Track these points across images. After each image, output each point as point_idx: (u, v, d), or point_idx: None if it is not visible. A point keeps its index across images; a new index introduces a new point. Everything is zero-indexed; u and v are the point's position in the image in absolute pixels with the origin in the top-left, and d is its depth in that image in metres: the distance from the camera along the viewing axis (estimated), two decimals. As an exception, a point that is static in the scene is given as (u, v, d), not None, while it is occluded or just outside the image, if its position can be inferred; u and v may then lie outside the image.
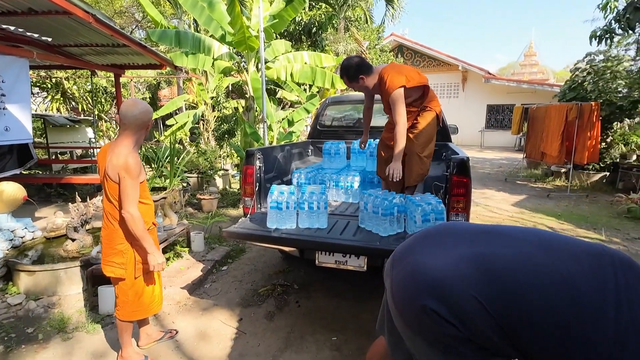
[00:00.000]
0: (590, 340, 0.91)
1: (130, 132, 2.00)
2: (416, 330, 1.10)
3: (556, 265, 1.02)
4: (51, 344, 2.49)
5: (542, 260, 1.05)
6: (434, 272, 1.09)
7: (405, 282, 1.14)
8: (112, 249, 2.09)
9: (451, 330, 1.01)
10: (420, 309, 1.05)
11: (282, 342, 2.53)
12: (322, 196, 2.60)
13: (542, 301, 0.97)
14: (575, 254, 1.04)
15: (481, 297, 1.00)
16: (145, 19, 14.42)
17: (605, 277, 0.97)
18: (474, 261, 1.08)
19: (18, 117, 4.28)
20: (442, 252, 1.14)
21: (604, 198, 7.02)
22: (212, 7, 5.80)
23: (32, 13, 4.10)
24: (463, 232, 1.24)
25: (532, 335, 0.96)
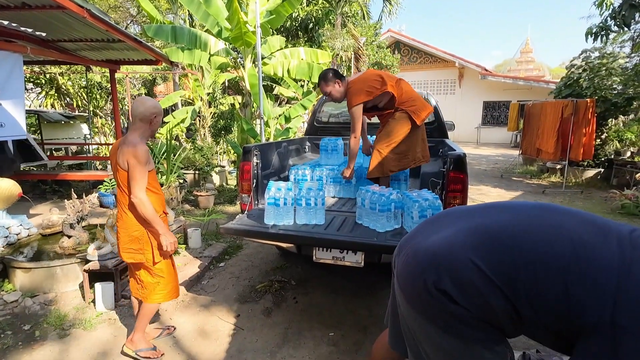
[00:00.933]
0: (591, 275, 0.90)
1: (137, 126, 2.14)
2: (420, 309, 1.11)
3: (553, 218, 1.04)
4: (48, 341, 2.48)
5: (540, 217, 1.07)
6: (432, 247, 1.12)
7: (408, 265, 1.17)
8: (128, 236, 2.17)
9: (452, 307, 1.02)
10: (422, 286, 1.08)
11: (280, 337, 2.55)
12: (319, 192, 2.61)
13: (540, 245, 0.98)
14: (574, 213, 1.07)
15: (477, 258, 1.01)
16: (141, 14, 14.28)
17: (607, 226, 1.00)
18: (471, 230, 1.11)
19: (12, 114, 4.24)
20: (441, 231, 1.17)
21: (599, 194, 7.08)
22: (209, 2, 5.75)
23: (26, 7, 4.05)
24: (462, 211, 1.27)
25: (531, 286, 0.95)
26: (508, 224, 1.08)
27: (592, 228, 1.00)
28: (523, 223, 1.07)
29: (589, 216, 1.06)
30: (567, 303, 0.92)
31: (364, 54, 12.42)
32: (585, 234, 0.98)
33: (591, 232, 0.98)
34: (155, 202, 2.20)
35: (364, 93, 2.89)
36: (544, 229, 1.03)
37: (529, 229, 1.04)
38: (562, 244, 0.97)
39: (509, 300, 0.98)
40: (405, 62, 19.08)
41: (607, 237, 0.96)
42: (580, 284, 0.91)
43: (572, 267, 0.93)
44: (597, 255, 0.93)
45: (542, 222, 1.05)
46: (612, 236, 0.96)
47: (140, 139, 2.11)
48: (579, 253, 0.94)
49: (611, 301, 0.87)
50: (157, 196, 2.25)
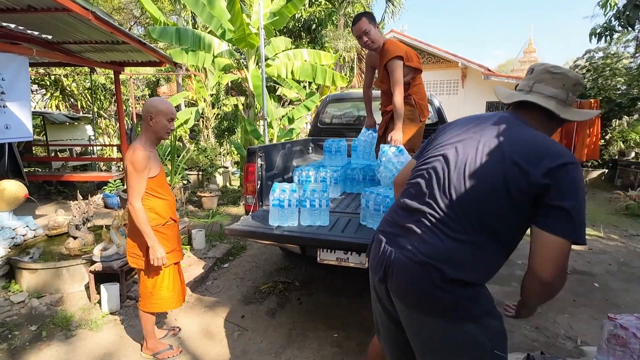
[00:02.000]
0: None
1: (142, 128, 2.13)
2: (430, 309, 1.16)
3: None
4: (55, 342, 2.50)
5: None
6: (421, 254, 1.18)
7: (403, 278, 1.21)
8: (132, 241, 2.18)
9: (463, 289, 1.13)
10: (432, 286, 1.14)
11: (284, 338, 2.56)
12: (323, 194, 2.61)
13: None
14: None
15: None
16: (144, 16, 14.34)
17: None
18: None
19: (18, 115, 4.27)
20: (410, 234, 1.24)
21: (603, 195, 7.05)
22: (213, 4, 5.78)
23: (32, 10, 4.08)
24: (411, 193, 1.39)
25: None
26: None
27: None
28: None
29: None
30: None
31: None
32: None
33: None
34: (162, 209, 2.18)
35: (403, 50, 2.86)
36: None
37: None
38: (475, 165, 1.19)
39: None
40: (408, 63, 19.03)
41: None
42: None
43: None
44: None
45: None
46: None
47: (144, 143, 2.08)
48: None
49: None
50: (166, 202, 2.21)
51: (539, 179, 1.04)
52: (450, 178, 1.18)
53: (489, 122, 1.23)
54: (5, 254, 3.27)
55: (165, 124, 2.12)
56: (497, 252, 1.15)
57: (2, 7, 4.07)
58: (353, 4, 12.02)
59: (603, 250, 4.26)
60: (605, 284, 3.40)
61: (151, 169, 2.08)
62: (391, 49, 2.85)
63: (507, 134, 1.16)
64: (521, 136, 1.14)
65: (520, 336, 2.58)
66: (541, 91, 1.20)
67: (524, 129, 1.17)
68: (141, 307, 2.27)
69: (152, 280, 2.22)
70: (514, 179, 1.07)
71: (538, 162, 1.06)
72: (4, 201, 3.72)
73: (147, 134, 2.11)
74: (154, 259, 2.08)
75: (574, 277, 3.53)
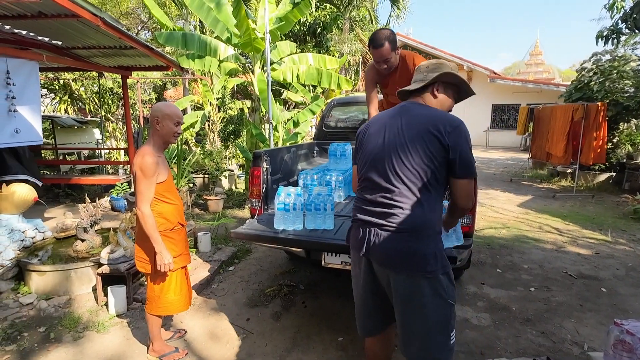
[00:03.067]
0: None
1: (151, 133, 2.14)
2: (414, 269, 1.49)
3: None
4: (63, 343, 2.53)
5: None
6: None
7: (386, 247, 1.53)
8: (140, 245, 2.20)
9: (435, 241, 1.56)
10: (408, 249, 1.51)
11: (289, 342, 2.56)
12: (328, 197, 2.63)
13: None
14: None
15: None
16: (151, 21, 14.52)
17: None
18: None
19: (28, 119, 4.34)
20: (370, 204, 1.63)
21: (610, 199, 6.98)
22: (219, 9, 5.84)
23: (42, 16, 4.16)
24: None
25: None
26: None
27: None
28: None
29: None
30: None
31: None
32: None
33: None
34: (171, 213, 2.20)
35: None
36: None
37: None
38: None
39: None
40: (413, 66, 19.02)
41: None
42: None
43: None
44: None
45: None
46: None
47: (153, 148, 2.09)
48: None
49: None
50: (174, 207, 2.22)
51: (443, 140, 1.47)
52: (392, 163, 1.54)
53: (398, 112, 1.65)
54: (14, 256, 3.32)
55: (172, 128, 2.13)
56: (438, 200, 1.56)
57: (14, 13, 4.15)
58: (358, 8, 12.08)
59: (610, 254, 4.22)
60: (613, 289, 3.36)
61: (160, 174, 2.09)
62: (415, 60, 2.70)
63: (415, 114, 1.59)
64: (423, 113, 1.58)
65: (526, 341, 2.56)
66: (415, 80, 1.72)
67: (424, 108, 1.62)
68: (148, 309, 2.30)
69: (160, 284, 2.24)
70: (433, 143, 1.47)
71: (439, 127, 1.48)
72: (14, 204, 3.79)
73: (155, 138, 2.12)
74: (161, 265, 2.10)
75: (581, 282, 3.50)
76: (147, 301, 2.31)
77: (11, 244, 3.43)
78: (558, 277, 3.60)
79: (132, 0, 14.70)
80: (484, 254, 4.19)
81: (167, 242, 2.15)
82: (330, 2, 11.43)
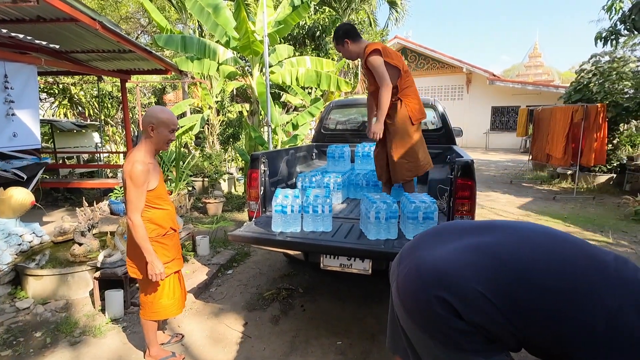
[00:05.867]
0: (582, 325, 0.93)
1: (142, 139, 2.08)
2: (420, 322, 1.11)
3: (559, 249, 1.06)
4: (59, 348, 2.51)
5: (546, 245, 1.08)
6: (438, 264, 1.12)
7: (411, 277, 1.16)
8: (132, 251, 2.16)
9: (456, 322, 1.03)
10: (425, 300, 1.07)
11: (288, 346, 2.54)
12: (326, 200, 2.61)
13: (543, 281, 0.99)
14: (575, 243, 1.08)
15: (483, 287, 1.01)
16: (151, 24, 14.57)
17: (603, 261, 1.02)
18: (478, 249, 1.11)
19: (26, 123, 4.34)
20: (446, 245, 1.17)
21: (611, 200, 6.95)
22: (218, 12, 5.85)
23: (41, 20, 4.17)
24: (466, 226, 1.27)
25: (532, 317, 0.98)
26: (515, 250, 1.08)
27: (591, 262, 1.03)
28: (529, 250, 1.08)
29: (587, 248, 1.08)
30: (560, 341, 0.97)
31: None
32: (587, 270, 1.00)
33: (590, 267, 1.01)
34: (162, 219, 2.16)
35: (382, 47, 2.89)
36: (549, 259, 1.04)
37: (535, 257, 1.05)
38: (565, 278, 0.99)
39: (512, 324, 1.00)
40: (413, 69, 19.08)
41: (603, 274, 1.00)
42: (574, 325, 0.95)
43: (566, 312, 0.96)
44: (593, 298, 0.95)
45: (547, 251, 1.06)
46: (608, 274, 0.99)
47: (144, 155, 2.02)
48: (578, 291, 0.97)
49: (601, 343, 0.91)
50: (165, 212, 2.19)
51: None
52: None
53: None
54: (11, 260, 3.30)
55: (167, 135, 2.07)
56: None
57: (12, 17, 4.16)
58: (357, 11, 12.10)
59: (612, 256, 4.19)
60: (615, 291, 3.33)
61: (150, 182, 2.03)
62: (368, 48, 2.89)
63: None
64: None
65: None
66: None
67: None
68: (142, 315, 2.27)
69: (152, 289, 2.21)
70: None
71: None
72: (11, 208, 3.77)
73: (147, 144, 2.05)
74: (152, 274, 2.06)
75: (582, 284, 3.47)
76: (141, 307, 2.28)
77: (8, 248, 3.40)
78: (559, 279, 3.57)
79: (131, 5, 14.75)
80: (484, 256, 4.16)
81: (159, 247, 2.13)
82: (329, 6, 11.46)
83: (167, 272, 2.15)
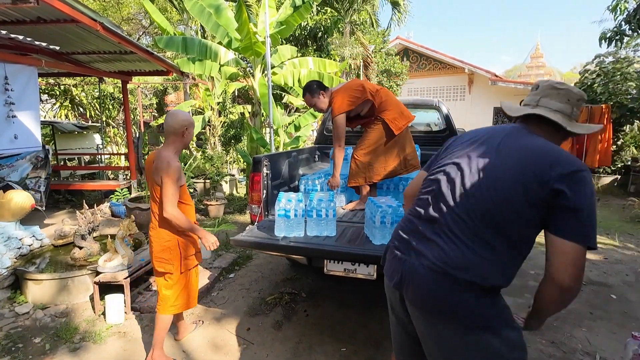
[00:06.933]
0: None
1: (170, 140, 2.21)
2: (448, 316, 1.16)
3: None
4: (58, 355, 2.46)
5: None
6: (439, 259, 1.19)
7: (424, 284, 1.20)
8: (160, 246, 2.24)
9: (482, 296, 1.14)
10: (448, 289, 1.15)
11: (291, 352, 2.49)
12: (330, 203, 2.56)
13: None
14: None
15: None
16: (152, 26, 14.54)
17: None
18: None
19: (27, 125, 4.30)
20: (428, 241, 1.24)
21: (616, 202, 6.89)
22: (219, 13, 5.82)
23: (41, 22, 4.13)
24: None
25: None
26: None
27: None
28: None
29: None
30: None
31: (372, 61, 12.41)
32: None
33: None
34: (189, 214, 2.33)
35: (346, 103, 2.97)
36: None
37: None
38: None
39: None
40: (414, 69, 19.03)
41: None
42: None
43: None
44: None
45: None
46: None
47: (174, 154, 2.18)
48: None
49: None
50: (190, 207, 2.37)
51: (553, 184, 1.07)
52: (465, 186, 1.20)
53: (500, 132, 1.27)
54: (11, 264, 3.27)
55: (192, 136, 2.31)
56: (513, 257, 1.16)
57: (13, 19, 4.12)
58: (359, 12, 12.06)
59: (619, 260, 4.13)
60: (623, 296, 3.28)
61: (180, 178, 2.19)
62: (333, 107, 3.00)
63: (520, 142, 1.20)
64: (534, 144, 1.18)
65: (536, 351, 2.48)
66: (548, 105, 1.25)
67: (535, 139, 1.20)
68: (161, 311, 2.30)
69: (181, 282, 2.32)
70: (530, 185, 1.10)
71: (551, 169, 1.09)
72: (11, 211, 3.74)
73: (177, 144, 2.21)
74: (208, 245, 2.24)
75: (590, 289, 3.42)
76: (159, 303, 2.32)
77: (8, 251, 3.37)
78: (566, 283, 3.52)
79: (133, 6, 14.73)
80: (489, 259, 4.11)
81: (187, 240, 2.28)
82: (331, 6, 11.41)
83: (190, 264, 2.32)
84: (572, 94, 1.25)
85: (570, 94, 1.25)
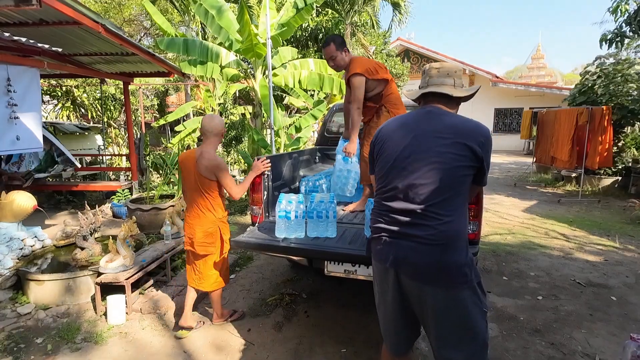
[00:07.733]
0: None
1: (212, 140, 2.56)
2: (450, 283, 1.44)
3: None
4: (60, 355, 2.48)
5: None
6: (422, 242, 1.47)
7: (418, 264, 1.46)
8: (204, 232, 2.57)
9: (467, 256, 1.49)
10: (443, 261, 1.44)
11: (291, 354, 2.50)
12: (330, 205, 2.57)
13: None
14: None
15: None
16: (154, 27, 14.58)
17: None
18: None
19: (29, 127, 4.32)
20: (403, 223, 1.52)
21: (617, 203, 6.88)
22: (221, 15, 5.84)
23: (43, 24, 4.15)
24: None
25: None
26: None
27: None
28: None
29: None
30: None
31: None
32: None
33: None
34: (224, 204, 2.70)
35: (365, 69, 2.92)
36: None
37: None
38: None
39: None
40: (415, 70, 19.04)
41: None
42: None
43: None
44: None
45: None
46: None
47: (215, 151, 2.54)
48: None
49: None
50: (224, 199, 2.72)
51: (478, 151, 1.44)
52: (425, 172, 1.46)
53: (423, 119, 1.56)
54: (13, 265, 3.28)
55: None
56: (466, 207, 1.53)
57: (15, 21, 4.15)
58: (359, 13, 12.07)
59: (619, 261, 4.13)
60: (623, 298, 3.28)
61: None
62: (351, 67, 2.95)
63: (443, 122, 1.51)
64: (454, 121, 1.51)
65: (536, 353, 2.49)
66: (435, 83, 1.58)
67: (451, 116, 1.54)
68: (208, 288, 2.66)
69: (222, 261, 2.68)
70: (464, 153, 1.43)
71: (475, 139, 1.44)
72: (13, 212, 3.75)
73: (215, 144, 2.59)
74: (260, 167, 2.77)
75: (590, 290, 3.42)
76: (203, 283, 2.65)
77: (10, 252, 3.39)
78: (566, 285, 3.52)
79: (134, 7, 14.78)
80: (489, 260, 4.11)
81: (225, 226, 2.66)
82: (331, 8, 11.43)
83: (227, 247, 2.67)
84: (449, 69, 1.59)
85: (448, 70, 1.59)
